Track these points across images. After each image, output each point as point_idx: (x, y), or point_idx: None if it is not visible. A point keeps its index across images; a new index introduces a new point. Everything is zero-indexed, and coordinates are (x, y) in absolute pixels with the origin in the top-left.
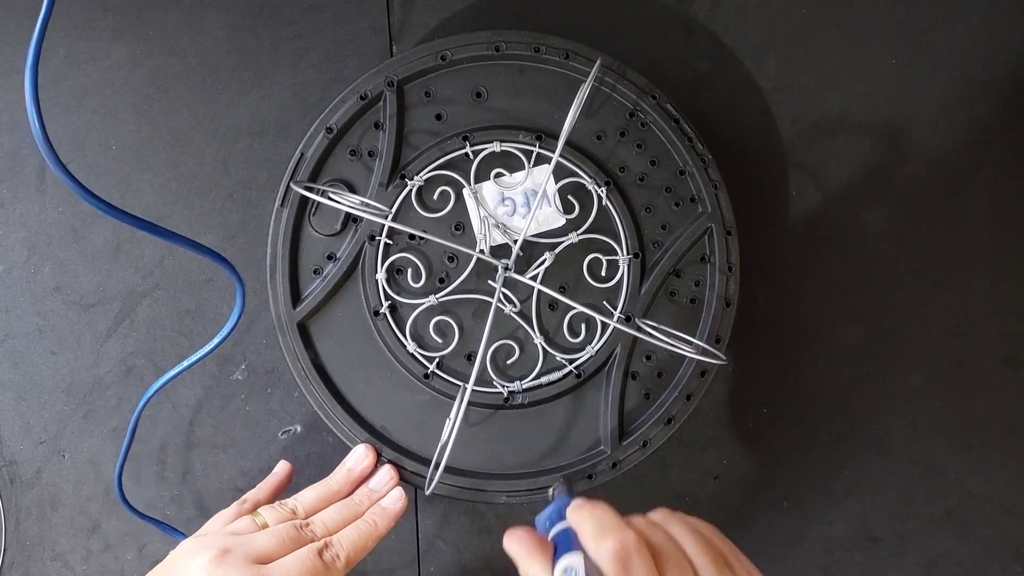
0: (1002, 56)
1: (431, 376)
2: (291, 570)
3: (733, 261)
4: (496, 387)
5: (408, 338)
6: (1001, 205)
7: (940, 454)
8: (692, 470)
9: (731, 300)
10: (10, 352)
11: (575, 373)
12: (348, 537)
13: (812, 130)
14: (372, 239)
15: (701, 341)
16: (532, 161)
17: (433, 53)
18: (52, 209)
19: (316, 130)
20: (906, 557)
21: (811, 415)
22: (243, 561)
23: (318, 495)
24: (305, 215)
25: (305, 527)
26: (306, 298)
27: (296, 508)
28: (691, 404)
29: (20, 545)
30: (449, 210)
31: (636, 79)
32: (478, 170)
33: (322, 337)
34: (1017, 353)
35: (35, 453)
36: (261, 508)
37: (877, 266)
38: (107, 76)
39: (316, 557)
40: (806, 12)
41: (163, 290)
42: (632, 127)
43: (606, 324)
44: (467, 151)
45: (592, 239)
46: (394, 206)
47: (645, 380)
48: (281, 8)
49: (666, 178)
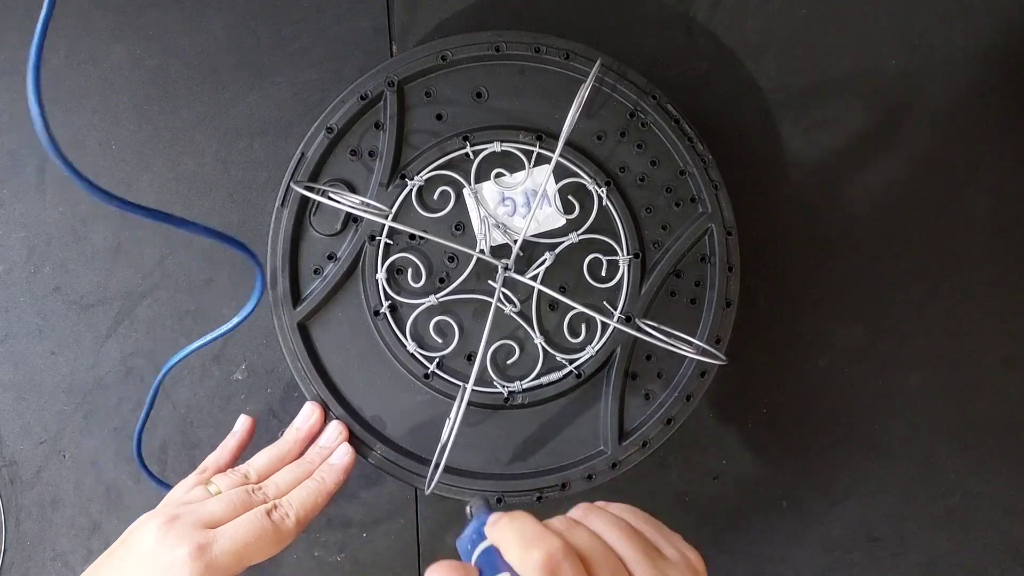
0: (1002, 56)
1: (431, 376)
2: (239, 530)
3: (733, 261)
4: (496, 387)
5: (408, 338)
6: (1001, 205)
7: (940, 454)
8: (692, 470)
9: (731, 300)
10: (10, 352)
11: (575, 373)
12: (297, 496)
13: (812, 130)
14: (372, 239)
15: (701, 341)
16: (532, 161)
17: (433, 53)
18: (52, 209)
19: (316, 130)
20: (906, 557)
21: (811, 415)
22: (192, 526)
23: (270, 458)
24: (306, 215)
25: (257, 490)
26: (306, 298)
27: (248, 472)
28: (691, 404)
29: (20, 545)
30: (449, 210)
31: (636, 79)
32: (478, 170)
33: (322, 337)
34: (1017, 353)
35: (35, 453)
36: (215, 476)
37: (877, 266)
38: (107, 76)
39: (264, 517)
40: (806, 12)
41: (163, 290)
42: (632, 127)
43: (606, 324)
44: (467, 151)
45: (592, 239)
46: (394, 206)
47: (645, 380)
48: (281, 8)
49: (666, 178)
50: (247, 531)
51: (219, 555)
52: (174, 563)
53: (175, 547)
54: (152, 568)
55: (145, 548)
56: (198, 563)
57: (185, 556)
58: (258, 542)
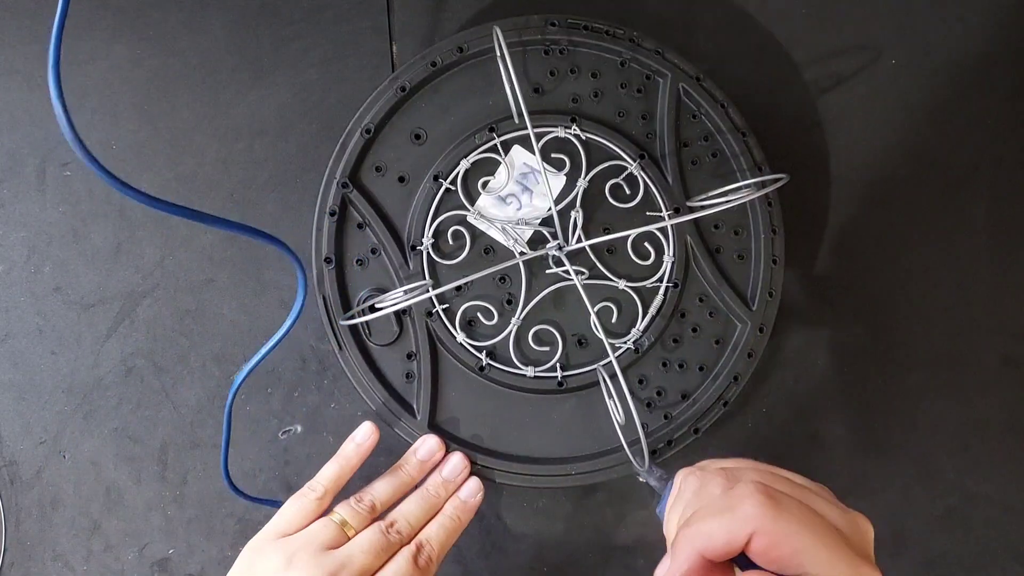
0: (1002, 56)
1: (563, 382)
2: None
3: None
4: (622, 344)
5: (524, 366)
6: (1001, 205)
7: (940, 454)
8: None
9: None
10: (10, 352)
11: (672, 285)
12: (436, 537)
13: (812, 130)
14: (430, 315)
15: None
16: (503, 152)
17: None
18: (52, 209)
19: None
20: (906, 557)
21: (811, 415)
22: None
23: (393, 487)
24: (363, 339)
25: (390, 528)
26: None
27: (374, 503)
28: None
29: (20, 545)
30: (469, 244)
31: (557, 20)
32: (466, 191)
33: (443, 413)
34: (1017, 353)
35: (35, 453)
36: (340, 507)
37: (877, 266)
38: (107, 76)
39: (412, 564)
40: (806, 12)
41: (163, 290)
42: (554, 52)
43: (665, 231)
44: (444, 186)
45: (597, 172)
46: (426, 275)
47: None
48: (281, 8)
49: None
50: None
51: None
52: None
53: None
54: None
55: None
56: None
57: None
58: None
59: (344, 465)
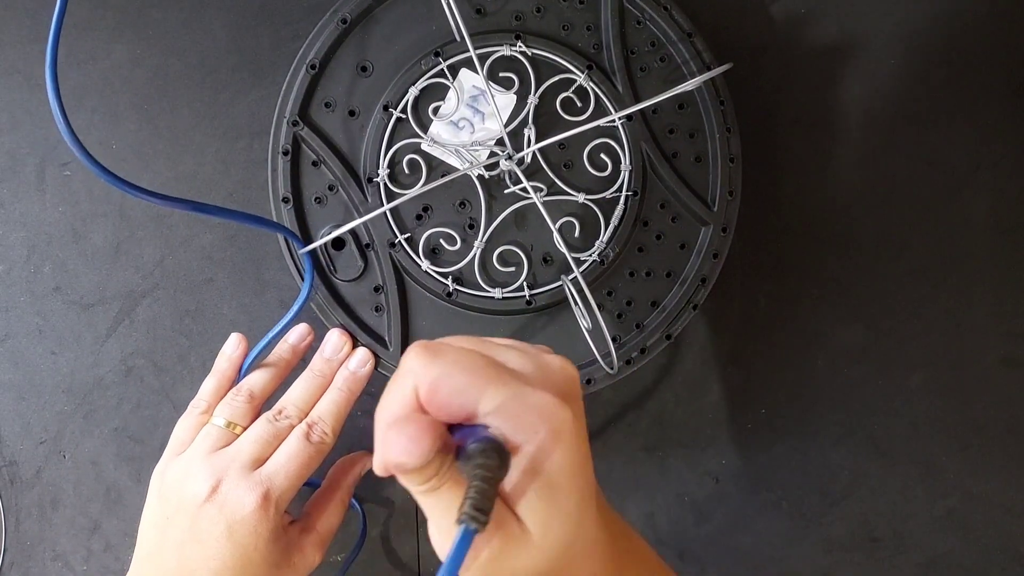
0: (1002, 56)
1: (531, 301)
2: (289, 464)
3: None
4: (589, 256)
5: (491, 288)
6: (1001, 205)
7: (940, 454)
8: (692, 470)
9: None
10: (10, 352)
11: (630, 192)
12: (328, 411)
13: (812, 130)
14: (393, 245)
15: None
16: (450, 77)
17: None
18: (52, 209)
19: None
20: (906, 557)
21: (811, 415)
22: (242, 478)
23: (269, 373)
24: (327, 275)
25: (279, 415)
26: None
27: (251, 392)
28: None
29: (20, 545)
30: (426, 173)
31: None
32: (417, 119)
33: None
34: (1017, 353)
35: (35, 453)
36: (216, 409)
37: (877, 266)
38: (107, 76)
39: (305, 442)
40: (806, 12)
41: (163, 290)
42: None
43: (618, 137)
44: (395, 115)
45: (546, 88)
46: (385, 204)
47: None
48: (281, 8)
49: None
50: (297, 462)
51: (280, 494)
52: (247, 522)
53: (241, 507)
54: (231, 535)
55: (212, 519)
56: (269, 511)
57: (256, 512)
58: (308, 468)
59: (227, 377)
